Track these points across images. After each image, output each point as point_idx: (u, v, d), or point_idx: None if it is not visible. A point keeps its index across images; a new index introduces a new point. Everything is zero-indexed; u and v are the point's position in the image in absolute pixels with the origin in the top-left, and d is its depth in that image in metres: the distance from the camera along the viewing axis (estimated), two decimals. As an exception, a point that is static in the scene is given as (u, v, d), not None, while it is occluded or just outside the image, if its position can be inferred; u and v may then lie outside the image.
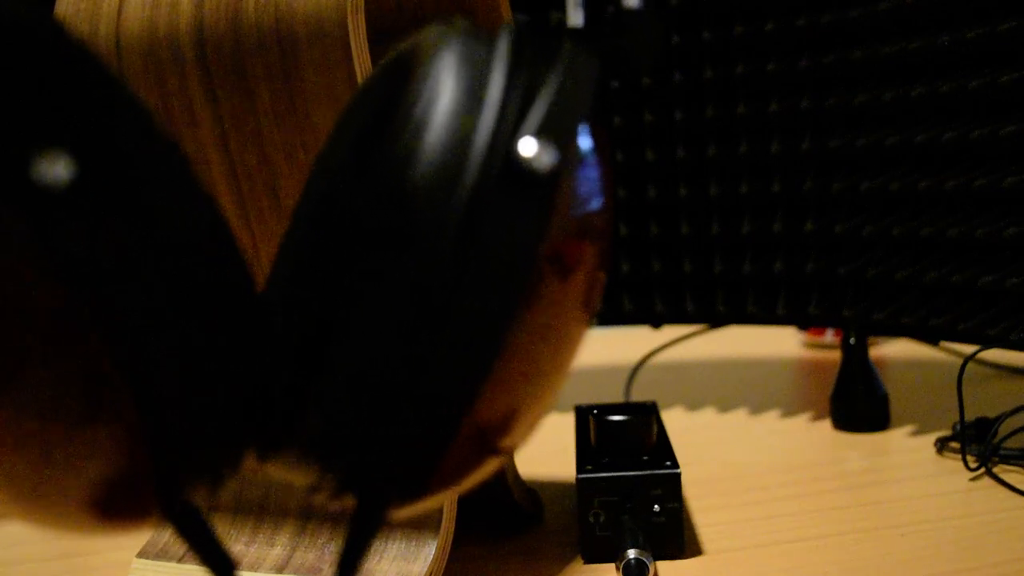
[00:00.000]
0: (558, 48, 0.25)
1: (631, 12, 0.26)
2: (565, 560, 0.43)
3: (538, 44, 0.24)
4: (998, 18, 0.52)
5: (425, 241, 0.21)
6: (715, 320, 0.69)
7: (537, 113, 0.22)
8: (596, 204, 0.24)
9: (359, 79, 0.33)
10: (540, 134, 0.22)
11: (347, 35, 0.32)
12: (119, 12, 0.36)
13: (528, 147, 0.22)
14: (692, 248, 0.68)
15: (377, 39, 0.41)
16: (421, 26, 0.24)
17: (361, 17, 0.33)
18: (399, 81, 0.23)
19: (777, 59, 0.63)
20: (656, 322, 0.71)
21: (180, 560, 0.39)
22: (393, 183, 0.22)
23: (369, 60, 0.33)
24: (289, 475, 0.24)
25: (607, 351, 0.86)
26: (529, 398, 0.24)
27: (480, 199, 0.21)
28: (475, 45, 0.23)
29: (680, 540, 0.42)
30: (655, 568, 0.39)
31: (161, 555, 0.40)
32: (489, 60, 0.23)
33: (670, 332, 0.73)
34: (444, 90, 0.22)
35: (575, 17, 0.27)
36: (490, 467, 0.25)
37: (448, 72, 0.22)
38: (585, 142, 0.24)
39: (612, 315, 0.71)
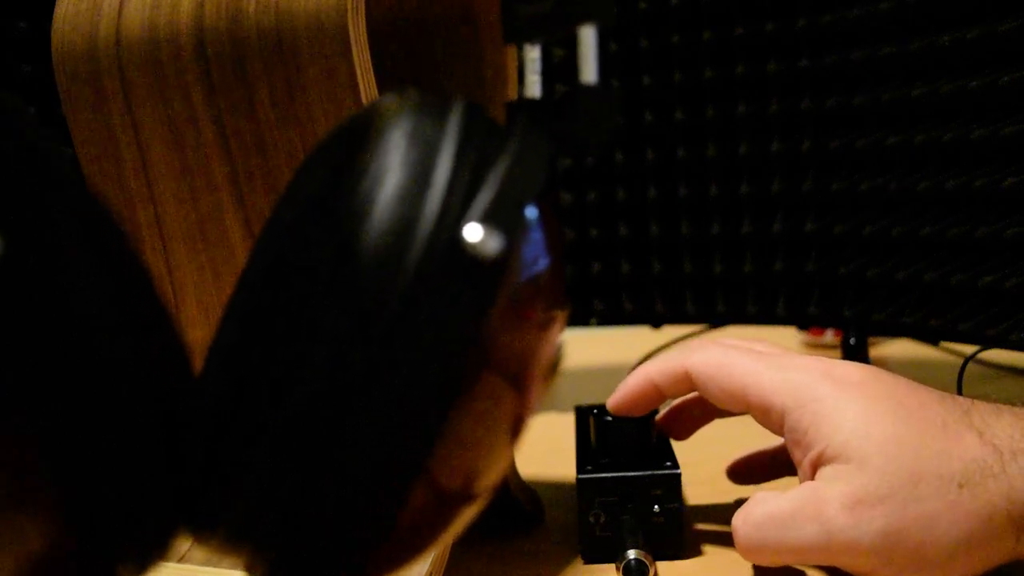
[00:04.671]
0: (510, 125, 0.24)
1: (588, 88, 0.25)
2: (565, 560, 0.43)
3: (490, 121, 0.24)
4: (998, 18, 0.52)
5: (363, 328, 0.21)
6: (715, 320, 0.69)
7: (484, 197, 0.22)
8: (542, 266, 0.23)
9: (359, 79, 0.33)
10: (486, 220, 0.22)
11: (347, 35, 0.32)
12: (119, 12, 0.36)
13: (474, 233, 0.21)
14: (692, 248, 0.68)
15: (378, 29, 0.41)
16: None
17: (361, 17, 0.33)
18: (348, 156, 0.23)
19: (777, 59, 0.63)
20: (656, 322, 0.71)
21: (181, 559, 0.39)
22: (335, 269, 0.21)
23: (369, 60, 0.33)
24: (225, 557, 0.24)
25: (607, 351, 0.86)
26: (475, 470, 0.23)
27: (422, 286, 0.21)
28: (425, 123, 0.22)
29: (680, 540, 0.42)
30: (655, 568, 0.39)
31: (161, 555, 0.40)
32: (438, 139, 0.22)
33: (670, 332, 0.73)
34: (391, 171, 0.22)
35: (533, 87, 0.27)
36: (461, 520, 0.24)
37: (396, 152, 0.22)
38: (532, 216, 0.23)
39: (612, 315, 0.71)
